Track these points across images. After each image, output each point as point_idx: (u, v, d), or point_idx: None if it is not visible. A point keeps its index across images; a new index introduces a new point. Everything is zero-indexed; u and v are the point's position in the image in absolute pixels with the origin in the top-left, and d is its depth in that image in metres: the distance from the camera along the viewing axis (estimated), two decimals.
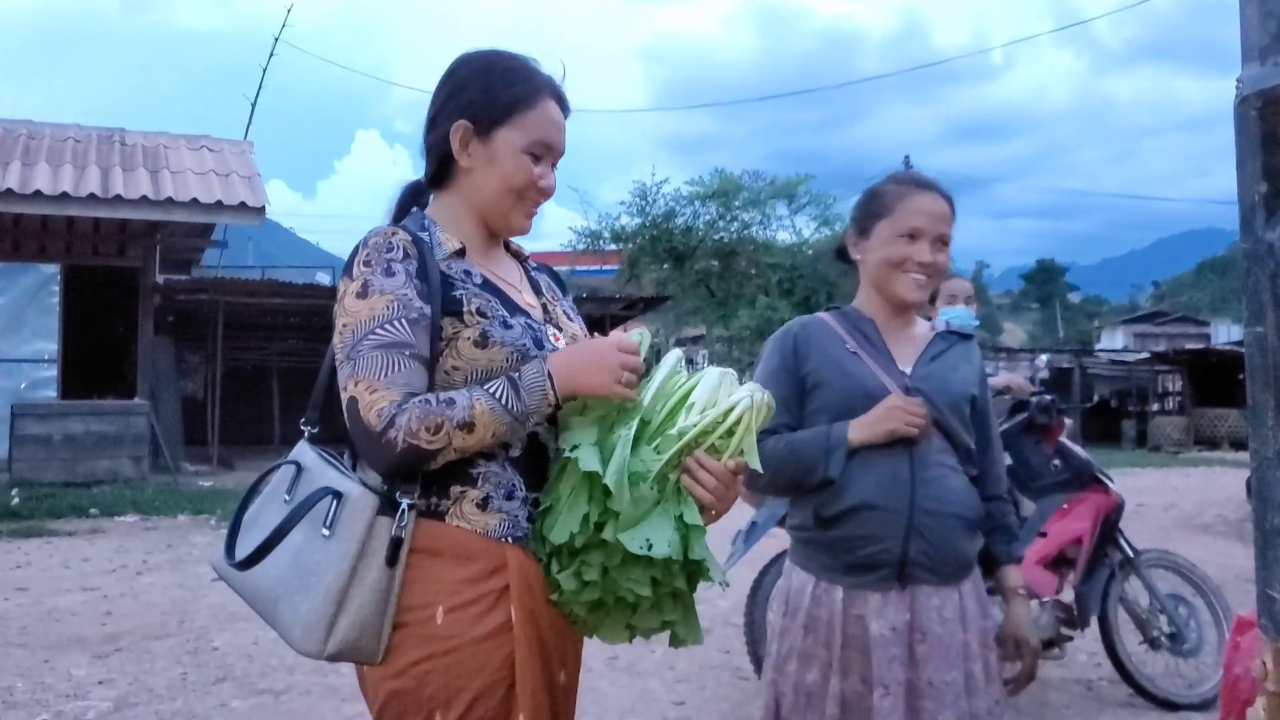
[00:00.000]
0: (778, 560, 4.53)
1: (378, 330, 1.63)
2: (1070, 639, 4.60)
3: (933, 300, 4.80)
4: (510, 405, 1.63)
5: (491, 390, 1.63)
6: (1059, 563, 4.58)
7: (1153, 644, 4.68)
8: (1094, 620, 4.61)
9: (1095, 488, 4.64)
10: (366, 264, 1.68)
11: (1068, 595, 4.67)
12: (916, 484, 2.27)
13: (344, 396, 1.64)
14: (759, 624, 4.51)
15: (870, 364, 2.36)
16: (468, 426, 1.60)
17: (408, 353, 1.63)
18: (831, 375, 2.35)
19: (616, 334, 1.74)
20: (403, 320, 1.64)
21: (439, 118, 1.83)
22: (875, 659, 2.23)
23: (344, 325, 1.67)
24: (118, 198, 12.65)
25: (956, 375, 2.39)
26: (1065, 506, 4.61)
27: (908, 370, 2.37)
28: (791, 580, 2.39)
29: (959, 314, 4.28)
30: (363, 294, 1.66)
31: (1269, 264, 1.14)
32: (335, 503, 1.63)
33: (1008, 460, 4.22)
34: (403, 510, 1.64)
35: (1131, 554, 4.68)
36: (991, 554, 2.44)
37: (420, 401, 1.60)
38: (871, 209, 2.42)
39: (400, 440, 1.58)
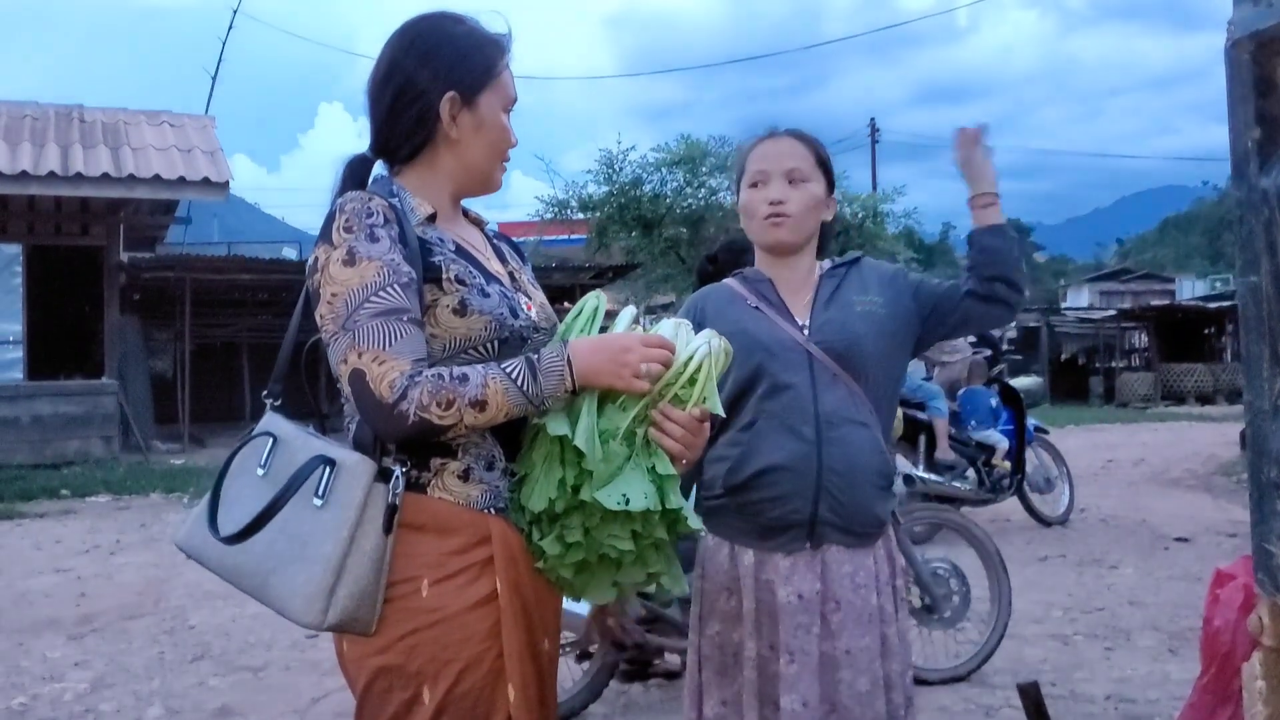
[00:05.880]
0: None
1: (374, 298, 1.58)
2: None
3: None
4: (526, 387, 1.60)
5: (508, 370, 1.60)
6: None
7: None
8: None
9: None
10: (348, 230, 1.62)
11: None
12: (823, 444, 2.26)
13: (344, 369, 1.59)
14: None
15: (771, 318, 2.36)
16: (479, 405, 1.57)
17: (406, 318, 1.59)
18: (732, 336, 2.37)
19: (640, 334, 1.72)
20: (395, 286, 1.60)
21: (414, 88, 1.75)
22: (783, 626, 2.23)
23: (333, 295, 1.61)
24: (78, 175, 12.41)
25: (853, 313, 2.36)
26: None
27: (805, 322, 2.37)
28: (707, 544, 2.40)
29: None
30: (350, 261, 1.60)
31: (1263, 211, 1.11)
32: (328, 471, 1.59)
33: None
34: (396, 477, 1.61)
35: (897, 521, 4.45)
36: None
37: (434, 376, 1.57)
38: (737, 174, 2.46)
39: (412, 414, 1.55)
